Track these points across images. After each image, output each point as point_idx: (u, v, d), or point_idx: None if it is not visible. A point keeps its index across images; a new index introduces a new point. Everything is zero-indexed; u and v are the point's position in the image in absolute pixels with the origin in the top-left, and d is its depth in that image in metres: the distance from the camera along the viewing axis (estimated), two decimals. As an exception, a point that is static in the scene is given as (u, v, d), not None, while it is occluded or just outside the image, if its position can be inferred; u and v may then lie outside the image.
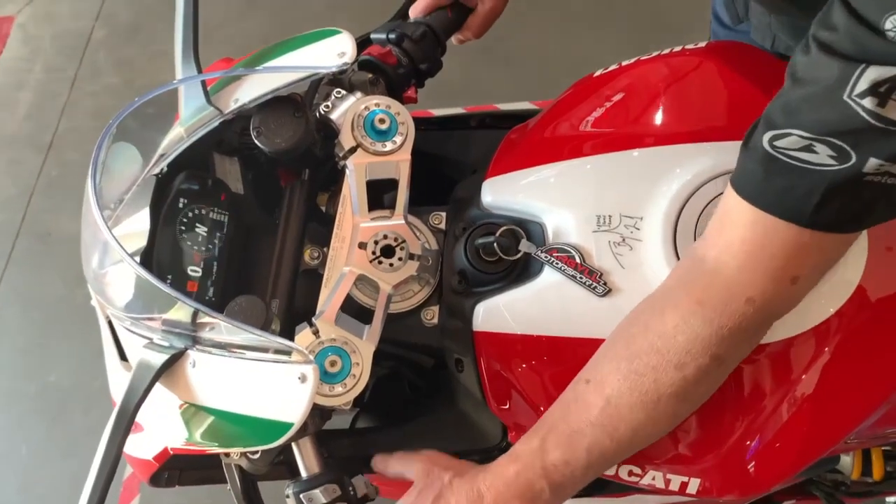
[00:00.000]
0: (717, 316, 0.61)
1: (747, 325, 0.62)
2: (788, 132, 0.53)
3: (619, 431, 0.65)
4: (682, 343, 0.62)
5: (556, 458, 0.66)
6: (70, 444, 1.86)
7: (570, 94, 0.87)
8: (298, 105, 0.79)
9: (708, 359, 0.62)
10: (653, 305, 0.67)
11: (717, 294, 0.62)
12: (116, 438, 0.65)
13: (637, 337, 0.65)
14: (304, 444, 0.74)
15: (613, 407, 0.64)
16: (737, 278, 0.61)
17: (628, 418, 0.64)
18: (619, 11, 2.35)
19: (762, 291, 0.61)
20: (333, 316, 0.73)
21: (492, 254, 0.78)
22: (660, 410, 0.64)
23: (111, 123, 0.75)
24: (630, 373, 0.64)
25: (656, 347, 0.63)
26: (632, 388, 0.64)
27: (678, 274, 0.67)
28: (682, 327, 0.62)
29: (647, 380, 0.63)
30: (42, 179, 2.37)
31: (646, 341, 0.64)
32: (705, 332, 0.62)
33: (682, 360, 0.62)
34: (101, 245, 0.78)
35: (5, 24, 2.78)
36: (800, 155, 0.54)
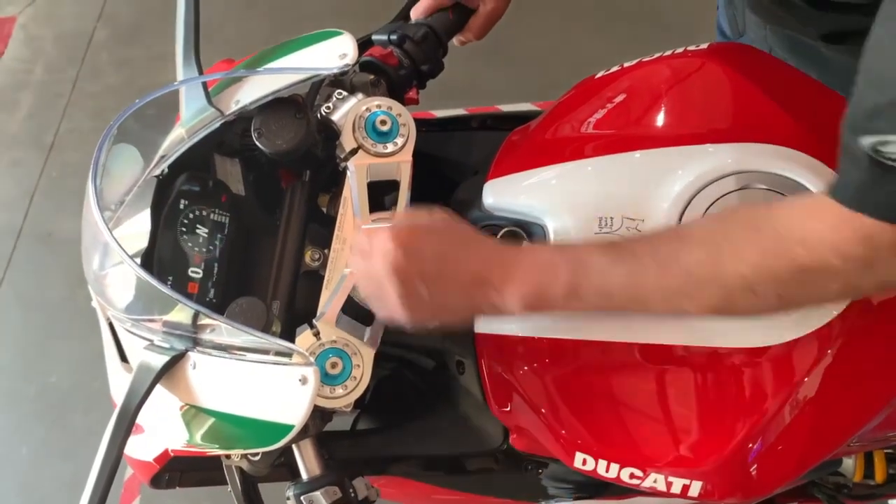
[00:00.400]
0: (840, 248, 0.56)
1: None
2: (888, 139, 0.50)
3: (668, 278, 0.61)
4: (800, 239, 0.58)
5: (597, 264, 0.63)
6: (70, 446, 1.86)
7: (571, 96, 0.87)
8: (300, 106, 0.79)
9: (798, 271, 0.57)
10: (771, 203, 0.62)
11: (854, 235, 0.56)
12: (117, 440, 0.65)
13: (740, 210, 0.63)
14: (304, 445, 0.74)
15: (681, 254, 0.61)
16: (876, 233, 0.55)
17: (687, 272, 0.61)
18: (622, 13, 2.35)
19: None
20: (334, 318, 0.73)
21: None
22: (719, 283, 0.60)
23: (112, 124, 0.75)
24: (716, 233, 0.61)
25: (757, 226, 0.60)
26: (709, 250, 0.61)
27: None
28: (806, 220, 0.58)
29: (728, 249, 0.60)
30: (43, 180, 2.37)
31: (749, 216, 0.61)
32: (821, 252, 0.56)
33: (773, 249, 0.58)
34: (102, 246, 0.78)
35: (7, 25, 2.78)
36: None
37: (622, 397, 0.74)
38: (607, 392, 0.74)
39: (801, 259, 0.57)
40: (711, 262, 0.60)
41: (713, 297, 0.61)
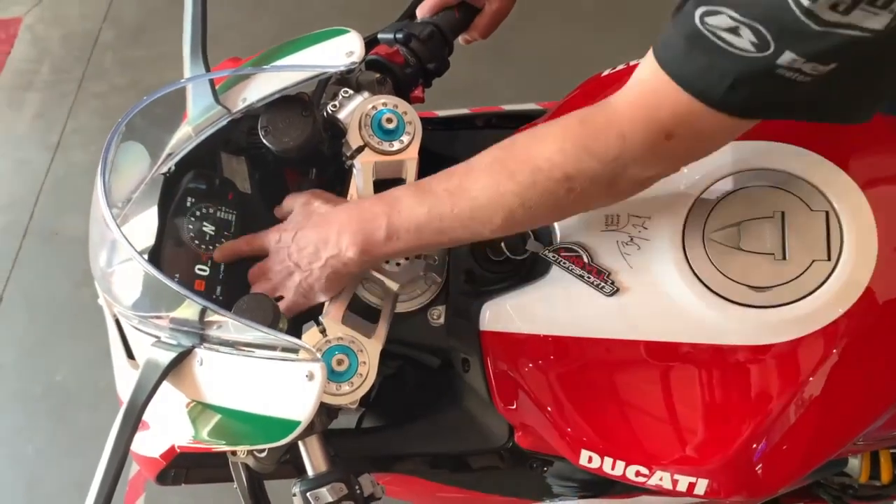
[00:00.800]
0: (587, 137, 0.64)
1: (610, 160, 0.63)
2: (720, 10, 0.54)
3: (460, 207, 0.68)
4: (547, 150, 0.65)
5: (406, 204, 0.70)
6: (76, 444, 1.87)
7: (577, 94, 0.87)
8: (306, 104, 0.79)
9: (561, 174, 0.64)
10: (538, 128, 0.69)
11: (599, 119, 0.64)
12: (124, 436, 0.65)
13: (519, 139, 0.69)
14: (310, 442, 0.74)
15: (466, 183, 0.68)
16: (620, 113, 0.63)
17: (472, 198, 0.68)
18: (627, 12, 2.35)
19: (634, 132, 0.62)
20: (340, 315, 0.73)
21: (499, 253, 0.78)
22: (500, 204, 0.67)
23: (120, 122, 0.75)
24: (495, 162, 0.68)
25: (530, 151, 0.66)
26: (489, 176, 0.67)
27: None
28: (556, 136, 0.65)
29: (505, 175, 0.66)
30: (49, 179, 2.38)
31: (524, 138, 0.68)
32: (570, 147, 0.64)
33: (539, 164, 0.65)
34: (110, 243, 0.78)
35: (13, 25, 2.79)
36: (725, 36, 0.54)
37: (627, 395, 0.74)
38: (613, 390, 0.74)
39: (562, 169, 0.64)
40: (491, 189, 0.67)
41: (498, 217, 0.68)
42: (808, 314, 0.70)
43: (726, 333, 0.71)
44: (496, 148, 0.70)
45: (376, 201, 0.73)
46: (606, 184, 0.65)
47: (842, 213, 0.71)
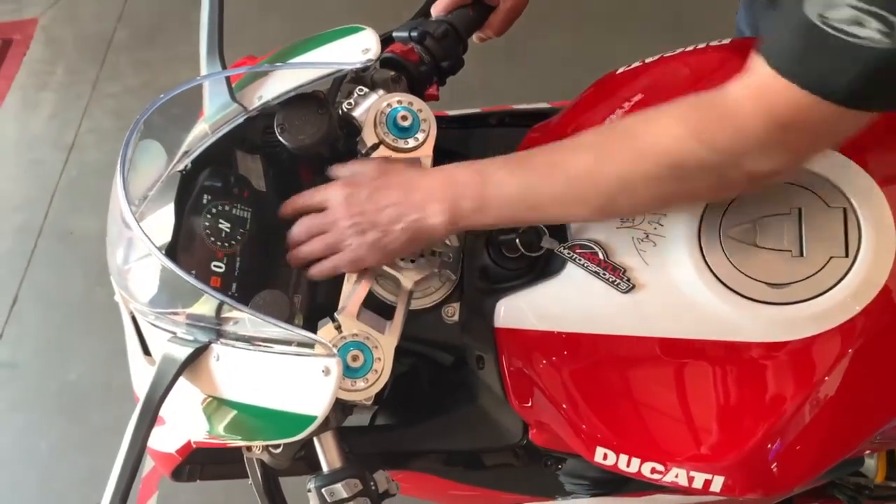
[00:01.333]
0: (703, 125, 0.61)
1: (725, 148, 0.61)
2: (838, 3, 0.51)
3: (554, 185, 0.67)
4: (661, 135, 0.62)
5: (498, 176, 0.69)
6: (89, 442, 1.88)
7: (592, 92, 0.87)
8: (322, 102, 0.79)
9: (669, 161, 0.62)
10: (649, 111, 0.66)
11: (714, 108, 0.61)
12: (141, 432, 0.65)
13: (625, 121, 0.67)
14: (325, 438, 0.74)
15: (567, 162, 0.67)
16: (738, 105, 0.60)
17: (569, 177, 0.66)
18: (639, 14, 2.35)
19: (752, 126, 0.59)
20: (356, 311, 0.74)
21: (514, 250, 0.78)
22: (597, 186, 0.66)
23: (138, 119, 0.75)
24: (596, 141, 0.66)
25: (633, 133, 0.64)
26: (589, 155, 0.66)
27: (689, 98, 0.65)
28: (669, 120, 0.63)
29: (605, 155, 0.65)
30: (64, 179, 2.40)
31: (627, 126, 0.66)
32: (683, 133, 0.61)
33: (647, 149, 0.63)
34: (127, 240, 0.79)
35: (29, 26, 2.82)
36: (848, 28, 0.52)
37: (642, 392, 0.74)
38: (627, 387, 0.74)
39: (671, 156, 0.62)
40: (592, 167, 0.66)
41: (596, 200, 0.67)
42: (824, 311, 0.69)
43: (742, 330, 0.70)
44: (603, 128, 0.68)
45: (468, 170, 0.71)
46: (717, 175, 0.63)
47: (859, 209, 0.70)
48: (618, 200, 0.66)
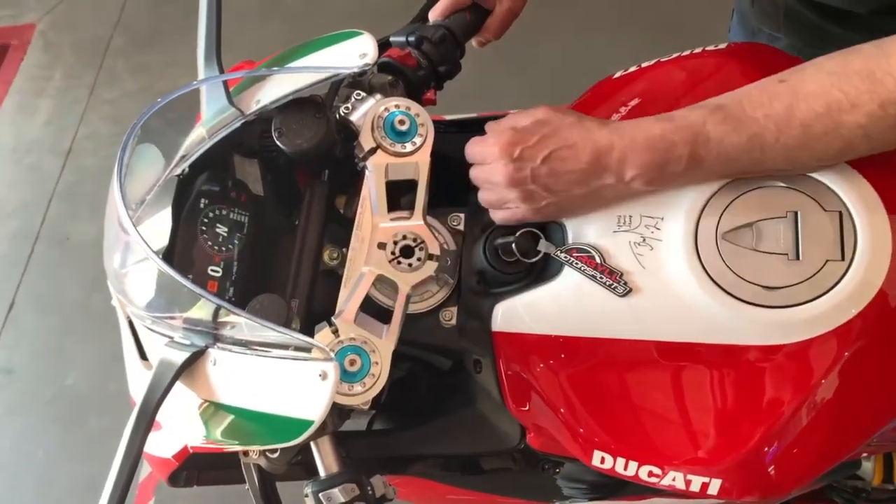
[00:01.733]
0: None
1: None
2: None
3: (790, 134, 0.63)
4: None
5: (715, 133, 0.65)
6: (86, 448, 1.88)
7: (589, 96, 0.87)
8: (319, 106, 0.79)
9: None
10: (881, 42, 0.63)
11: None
12: (137, 436, 0.65)
13: (854, 60, 0.62)
14: (322, 443, 0.74)
15: (797, 111, 0.63)
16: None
17: (805, 126, 0.63)
18: (636, 20, 2.36)
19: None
20: (353, 315, 0.74)
21: (511, 254, 0.78)
22: (838, 134, 0.63)
23: (135, 123, 0.75)
24: (832, 87, 0.62)
25: (874, 77, 0.60)
26: (827, 103, 0.62)
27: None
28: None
29: (846, 102, 0.61)
30: (61, 185, 2.40)
31: (865, 67, 0.61)
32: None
33: (892, 98, 0.60)
34: (124, 244, 0.79)
35: (26, 32, 2.82)
36: None
37: (640, 395, 0.74)
38: (625, 390, 0.74)
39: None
40: (830, 117, 0.62)
41: (833, 147, 0.64)
42: (821, 314, 0.69)
43: (739, 333, 0.70)
44: (827, 66, 0.63)
45: (668, 125, 0.66)
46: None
47: (855, 212, 0.70)
48: (856, 148, 0.64)
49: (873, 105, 0.61)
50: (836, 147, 0.64)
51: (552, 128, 0.70)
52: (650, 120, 0.68)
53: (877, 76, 0.61)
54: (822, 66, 0.64)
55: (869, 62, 0.62)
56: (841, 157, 0.66)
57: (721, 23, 1.29)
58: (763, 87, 0.66)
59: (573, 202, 0.72)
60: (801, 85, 0.64)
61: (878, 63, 0.61)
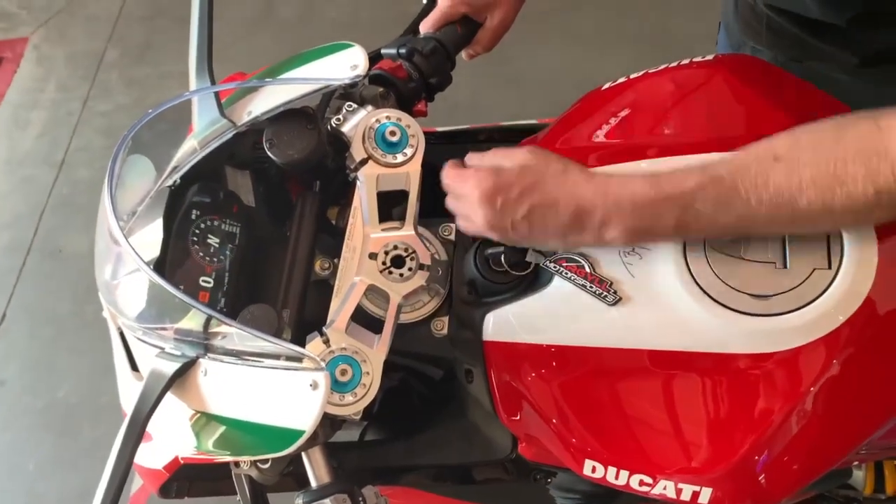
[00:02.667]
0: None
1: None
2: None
3: (779, 215, 0.63)
4: (893, 172, 0.58)
5: (705, 209, 0.64)
6: (77, 460, 1.86)
7: (578, 107, 0.88)
8: (311, 117, 0.80)
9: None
10: (876, 115, 0.62)
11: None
12: (128, 447, 0.65)
13: (851, 139, 0.61)
14: (314, 453, 0.74)
15: (790, 197, 0.62)
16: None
17: (796, 211, 0.62)
18: (625, 35, 2.38)
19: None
20: (344, 325, 0.74)
21: (501, 264, 0.78)
22: (829, 218, 0.63)
23: (126, 134, 0.76)
24: (828, 174, 0.61)
25: (871, 162, 0.59)
26: (821, 191, 0.61)
27: None
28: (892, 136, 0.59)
29: (840, 192, 0.60)
30: (54, 197, 2.40)
31: (862, 148, 0.60)
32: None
33: (886, 187, 0.59)
34: (115, 255, 0.79)
35: (20, 45, 2.82)
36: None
37: (630, 404, 0.74)
38: (616, 399, 0.74)
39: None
40: (824, 204, 0.61)
41: (823, 227, 0.66)
42: (809, 323, 0.70)
43: (728, 342, 0.71)
44: (825, 146, 0.61)
45: (657, 192, 0.65)
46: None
47: (842, 221, 0.71)
48: (847, 224, 0.66)
49: (868, 192, 0.60)
50: (824, 227, 0.66)
51: (535, 178, 0.69)
52: (638, 181, 0.66)
53: (873, 162, 0.60)
54: (819, 146, 0.63)
55: (866, 142, 0.61)
56: (827, 231, 0.68)
57: (708, 34, 1.31)
58: (760, 164, 0.64)
59: (550, 246, 0.74)
60: (796, 168, 0.62)
61: (874, 144, 0.60)
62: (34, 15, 2.92)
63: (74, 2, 2.92)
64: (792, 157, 0.63)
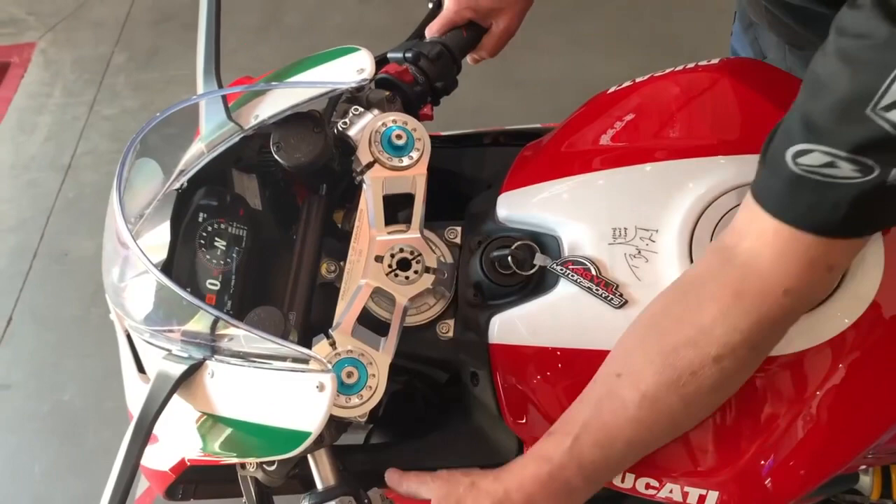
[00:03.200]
0: (756, 308, 0.61)
1: (784, 314, 0.62)
2: (811, 148, 0.53)
3: (658, 424, 0.66)
4: (721, 336, 0.62)
5: (595, 456, 0.67)
6: (82, 464, 1.86)
7: (584, 111, 0.88)
8: (317, 121, 0.80)
9: (746, 350, 0.63)
10: (686, 297, 0.66)
11: (754, 285, 0.61)
12: (135, 448, 0.65)
13: (671, 330, 0.65)
14: (320, 455, 0.74)
15: (650, 401, 0.65)
16: (772, 269, 0.60)
17: (667, 412, 0.65)
18: (632, 39, 2.38)
19: (798, 282, 0.60)
20: (350, 328, 0.74)
21: (507, 266, 0.79)
22: (699, 402, 0.65)
23: (134, 138, 0.76)
24: (666, 367, 0.64)
25: (693, 341, 0.63)
26: (669, 383, 0.64)
27: (709, 266, 0.66)
28: (721, 320, 0.62)
29: (685, 374, 0.63)
30: (60, 200, 2.40)
31: (681, 334, 0.64)
32: (743, 324, 0.62)
33: (721, 352, 0.62)
34: (123, 258, 0.79)
35: (27, 50, 2.84)
36: (824, 171, 0.54)
37: (636, 408, 0.74)
38: (622, 402, 0.74)
39: (742, 348, 0.63)
40: (678, 394, 0.64)
41: (708, 409, 0.68)
42: (814, 326, 0.70)
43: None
44: (649, 345, 0.66)
45: (556, 470, 0.68)
46: (785, 328, 0.65)
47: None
48: (716, 402, 0.68)
49: (707, 366, 0.63)
50: (704, 413, 0.68)
51: (452, 495, 0.72)
52: (529, 465, 0.70)
53: (695, 338, 0.63)
54: (647, 347, 0.66)
55: (685, 328, 0.64)
56: (713, 409, 0.69)
57: (715, 38, 1.31)
58: (608, 392, 0.67)
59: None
60: (638, 380, 0.65)
61: (693, 322, 0.64)
62: (42, 20, 2.93)
63: (82, 7, 2.93)
64: (626, 367, 0.67)
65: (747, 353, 0.63)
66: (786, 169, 0.56)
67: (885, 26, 0.48)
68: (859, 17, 0.50)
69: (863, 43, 0.49)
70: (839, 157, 0.52)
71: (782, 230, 0.59)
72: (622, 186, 0.78)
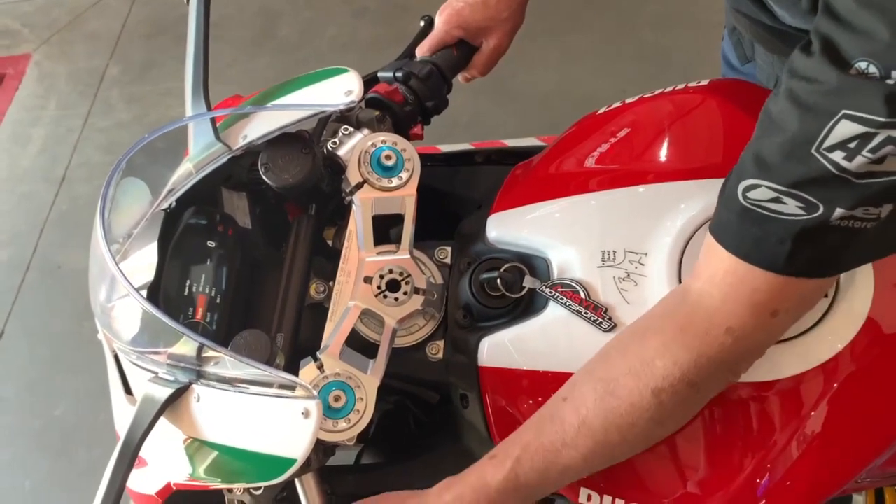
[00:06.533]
0: (697, 343, 0.62)
1: (726, 355, 0.62)
2: (759, 183, 0.55)
3: (593, 453, 0.66)
4: (660, 368, 0.63)
5: (531, 479, 0.67)
6: (74, 479, 1.85)
7: (574, 131, 0.88)
8: (306, 141, 0.80)
9: (684, 385, 0.63)
10: (635, 331, 0.67)
11: (699, 322, 0.62)
12: (120, 472, 0.65)
13: (615, 359, 0.66)
14: (307, 480, 0.74)
15: (588, 428, 0.65)
16: (719, 308, 0.62)
17: (602, 440, 0.65)
18: (624, 52, 2.38)
19: (742, 323, 0.61)
20: (338, 350, 0.73)
21: (496, 289, 0.78)
22: (635, 433, 0.65)
23: (120, 159, 0.76)
24: (606, 394, 0.65)
25: (634, 371, 0.64)
26: (607, 411, 0.64)
27: (664, 303, 0.68)
28: (662, 352, 0.63)
29: (623, 403, 0.64)
30: (54, 213, 2.40)
31: (624, 364, 0.65)
32: (684, 358, 0.62)
33: (659, 385, 0.63)
34: (109, 279, 0.79)
35: (22, 62, 2.84)
36: (770, 206, 0.55)
37: (626, 432, 0.73)
38: (611, 426, 0.74)
39: (681, 382, 0.63)
40: (616, 425, 0.65)
41: (645, 441, 0.68)
42: (807, 350, 0.70)
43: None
44: (598, 373, 0.66)
45: (496, 496, 0.68)
46: (728, 371, 0.65)
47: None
48: (654, 435, 0.68)
49: (645, 398, 0.63)
50: (641, 445, 0.68)
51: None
52: (473, 484, 0.69)
53: (636, 369, 0.64)
54: (592, 375, 0.67)
55: (629, 358, 0.65)
56: (653, 443, 0.69)
57: (708, 52, 1.31)
58: (552, 414, 0.68)
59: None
60: (580, 405, 0.66)
61: (637, 353, 0.65)
62: (37, 32, 2.93)
63: (77, 19, 2.93)
64: (576, 395, 0.67)
65: (686, 390, 0.63)
66: (737, 203, 0.57)
67: (833, 73, 0.50)
68: (810, 62, 0.52)
69: (811, 87, 0.51)
70: (782, 192, 0.53)
71: (735, 267, 0.59)
72: (611, 209, 0.77)
